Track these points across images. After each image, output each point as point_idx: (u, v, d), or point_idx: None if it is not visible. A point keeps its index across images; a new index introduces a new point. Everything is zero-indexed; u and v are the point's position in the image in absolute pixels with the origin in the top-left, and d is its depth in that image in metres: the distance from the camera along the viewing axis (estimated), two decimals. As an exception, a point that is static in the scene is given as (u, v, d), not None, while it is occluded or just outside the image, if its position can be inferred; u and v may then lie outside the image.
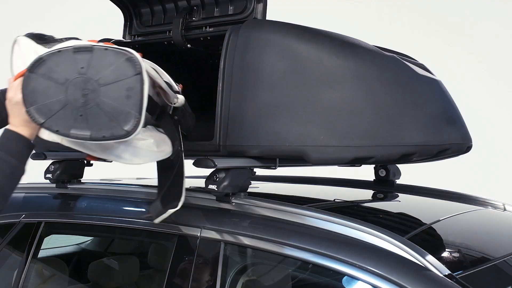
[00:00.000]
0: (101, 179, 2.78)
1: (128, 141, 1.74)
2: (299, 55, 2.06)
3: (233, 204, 2.09)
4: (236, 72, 2.12)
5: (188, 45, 2.47)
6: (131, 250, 3.13)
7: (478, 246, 2.13)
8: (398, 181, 2.92)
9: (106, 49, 1.66)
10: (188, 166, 2.25)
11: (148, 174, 3.40)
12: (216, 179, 2.07)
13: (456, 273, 1.69)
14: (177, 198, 1.92)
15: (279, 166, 2.22)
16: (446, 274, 1.67)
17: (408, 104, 2.08)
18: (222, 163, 2.07)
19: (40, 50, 1.76)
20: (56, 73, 1.65)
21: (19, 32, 1.95)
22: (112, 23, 3.05)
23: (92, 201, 2.48)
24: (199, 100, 2.46)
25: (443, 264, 1.71)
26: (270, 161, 2.20)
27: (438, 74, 2.44)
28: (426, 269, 1.68)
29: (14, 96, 1.71)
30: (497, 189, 5.31)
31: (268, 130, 2.05)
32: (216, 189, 2.06)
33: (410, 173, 3.03)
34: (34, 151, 1.84)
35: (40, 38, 1.89)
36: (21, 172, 1.74)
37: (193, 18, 2.46)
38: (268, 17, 2.31)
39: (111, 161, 1.98)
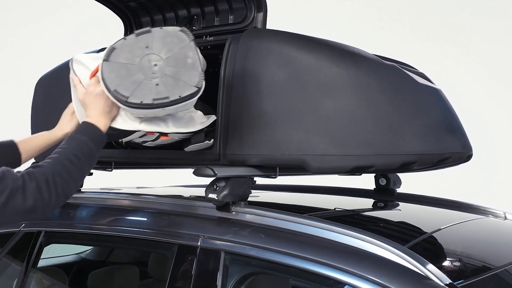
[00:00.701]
0: (101, 189, 2.78)
1: (189, 111, 2.09)
2: (299, 64, 2.06)
3: (233, 213, 2.09)
4: (236, 81, 2.12)
5: (189, 54, 2.47)
6: (131, 259, 3.12)
7: (479, 255, 2.12)
8: (398, 190, 2.92)
9: (161, 28, 1.99)
10: (188, 175, 2.25)
11: (148, 183, 3.41)
12: (216, 188, 2.07)
13: (457, 282, 1.69)
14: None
15: (279, 175, 2.22)
16: (447, 283, 1.66)
17: (408, 113, 2.08)
18: (222, 172, 2.07)
19: (94, 56, 2.05)
20: (127, 56, 1.92)
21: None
22: (112, 31, 3.06)
23: (92, 211, 2.48)
24: (199, 109, 2.46)
25: (444, 273, 1.70)
26: (270, 170, 2.19)
27: (438, 80, 2.44)
28: (426, 278, 1.68)
29: (94, 89, 1.95)
30: (498, 198, 5.30)
31: (268, 139, 2.06)
32: (216, 198, 2.06)
33: (410, 182, 3.02)
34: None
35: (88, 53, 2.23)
36: (95, 159, 1.91)
37: (193, 27, 2.47)
38: (268, 26, 2.32)
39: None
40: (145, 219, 2.30)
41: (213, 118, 2.15)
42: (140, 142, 2.27)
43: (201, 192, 2.24)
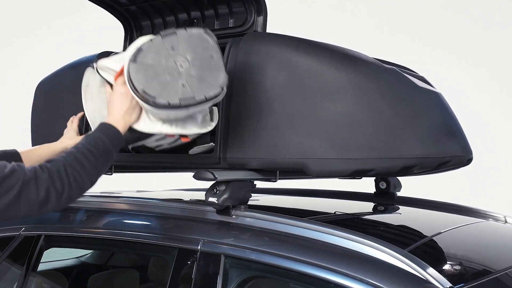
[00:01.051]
0: (101, 192, 2.78)
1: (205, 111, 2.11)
2: (299, 68, 2.06)
3: (234, 217, 2.09)
4: (236, 84, 2.12)
5: (189, 58, 2.47)
6: (131, 263, 3.12)
7: (480, 258, 2.12)
8: (398, 194, 2.91)
9: (186, 29, 2.01)
10: (188, 178, 2.25)
11: (148, 187, 3.40)
12: (217, 191, 2.07)
13: (457, 286, 1.69)
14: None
15: (280, 178, 2.22)
16: (448, 287, 1.66)
17: (409, 117, 2.08)
18: (222, 175, 2.07)
19: (118, 58, 2.08)
20: (153, 57, 1.95)
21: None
22: (112, 35, 3.06)
23: (92, 214, 2.48)
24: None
25: (444, 277, 1.70)
26: (270, 173, 2.19)
27: (438, 84, 2.44)
28: (427, 282, 1.67)
29: (120, 89, 1.98)
30: (498, 202, 5.30)
31: (268, 143, 2.06)
32: (216, 202, 2.06)
33: (411, 186, 3.02)
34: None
35: (107, 55, 2.37)
36: (112, 157, 1.92)
37: None
38: (268, 30, 2.32)
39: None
40: (145, 223, 2.30)
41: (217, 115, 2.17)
42: (154, 146, 2.27)
43: (201, 195, 2.24)
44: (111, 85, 2.09)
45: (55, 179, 1.73)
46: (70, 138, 2.22)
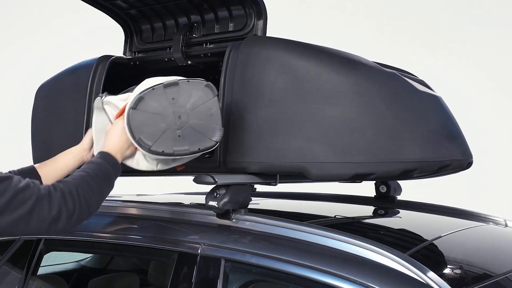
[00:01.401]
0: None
1: None
2: (299, 72, 2.06)
3: (234, 220, 2.09)
4: (236, 88, 2.13)
5: (189, 62, 2.47)
6: (131, 267, 3.11)
7: (480, 262, 2.12)
8: (399, 197, 2.91)
9: (188, 81, 2.04)
10: (188, 182, 2.25)
11: (148, 191, 3.40)
12: (217, 195, 2.07)
13: (457, 290, 1.68)
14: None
15: (280, 182, 2.22)
16: (448, 291, 1.66)
17: (409, 121, 2.08)
18: (222, 179, 2.07)
19: (123, 97, 2.10)
20: (154, 106, 2.01)
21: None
22: (112, 38, 3.06)
23: (92, 218, 2.46)
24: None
25: (444, 280, 1.70)
26: (270, 177, 2.19)
27: (438, 88, 2.44)
28: (427, 285, 1.67)
29: (120, 125, 2.01)
30: (498, 205, 5.30)
31: (268, 147, 2.06)
32: (216, 206, 2.06)
33: (411, 189, 3.02)
34: None
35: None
36: (112, 184, 1.95)
37: (194, 35, 2.47)
38: (268, 34, 2.32)
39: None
40: (145, 226, 2.29)
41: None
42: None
43: (201, 199, 2.24)
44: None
45: (67, 199, 1.75)
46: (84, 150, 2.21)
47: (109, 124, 2.10)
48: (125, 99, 2.08)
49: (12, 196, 1.66)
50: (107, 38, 3.87)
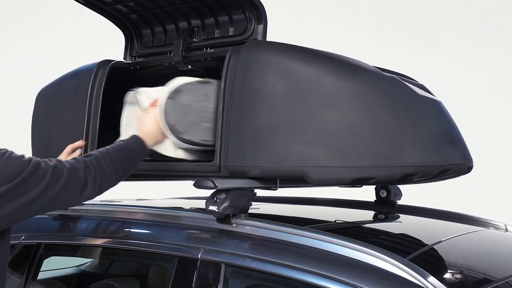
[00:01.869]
0: (101, 201, 2.77)
1: None
2: (299, 76, 2.06)
3: (234, 225, 2.09)
4: (236, 93, 2.13)
5: (189, 66, 2.47)
6: (131, 271, 3.11)
7: (480, 267, 2.11)
8: (399, 202, 2.91)
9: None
10: (189, 187, 2.25)
11: (148, 196, 3.40)
12: (217, 200, 2.07)
13: (458, 295, 1.68)
14: None
15: (280, 186, 2.22)
16: (448, 295, 1.66)
17: (409, 125, 2.08)
18: (222, 184, 2.07)
19: (157, 89, 2.25)
20: (188, 98, 2.21)
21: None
22: (113, 43, 3.06)
23: (92, 223, 2.47)
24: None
25: (445, 285, 1.70)
26: (270, 181, 2.19)
27: (438, 92, 2.44)
28: (428, 290, 1.67)
29: (154, 114, 2.18)
30: (499, 210, 5.29)
31: (269, 151, 2.05)
32: (216, 210, 2.06)
33: (411, 194, 3.02)
34: None
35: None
36: (136, 162, 2.12)
37: (194, 39, 2.47)
38: (268, 37, 2.32)
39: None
40: (145, 231, 2.29)
41: None
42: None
43: (201, 204, 2.24)
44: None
45: (89, 167, 1.93)
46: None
47: (140, 112, 2.24)
48: (158, 91, 2.23)
49: (52, 174, 1.82)
50: (108, 42, 3.87)
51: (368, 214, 2.84)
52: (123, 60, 2.70)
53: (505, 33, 6.19)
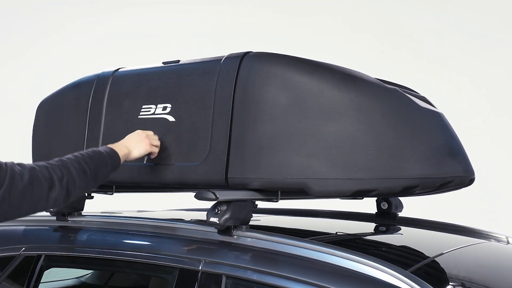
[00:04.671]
0: (101, 212, 2.77)
1: None
2: (300, 88, 2.06)
3: (235, 237, 2.08)
4: (237, 104, 2.12)
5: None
6: (132, 283, 3.10)
7: (482, 279, 2.11)
8: (400, 214, 2.90)
9: None
10: (189, 198, 2.24)
11: (149, 207, 3.39)
12: (218, 211, 2.06)
13: (460, 307, 1.67)
14: None
15: (281, 198, 2.21)
16: (450, 308, 1.65)
17: (410, 137, 2.08)
18: (223, 195, 2.06)
19: None
20: None
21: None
22: (112, 54, 3.07)
23: (92, 234, 2.47)
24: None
25: (447, 298, 1.69)
26: (272, 193, 2.19)
27: (440, 104, 2.44)
28: (430, 303, 1.66)
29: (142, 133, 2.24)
30: (500, 222, 5.29)
31: (270, 163, 2.05)
32: (217, 222, 2.05)
33: (412, 206, 3.01)
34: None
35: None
36: (107, 170, 2.09)
37: None
38: (269, 50, 2.32)
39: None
40: (146, 242, 2.29)
41: None
42: None
43: (202, 215, 2.23)
44: None
45: (53, 166, 1.91)
46: None
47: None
48: None
49: (11, 175, 1.79)
50: (107, 53, 3.88)
51: (369, 226, 2.83)
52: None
53: (504, 46, 6.20)
